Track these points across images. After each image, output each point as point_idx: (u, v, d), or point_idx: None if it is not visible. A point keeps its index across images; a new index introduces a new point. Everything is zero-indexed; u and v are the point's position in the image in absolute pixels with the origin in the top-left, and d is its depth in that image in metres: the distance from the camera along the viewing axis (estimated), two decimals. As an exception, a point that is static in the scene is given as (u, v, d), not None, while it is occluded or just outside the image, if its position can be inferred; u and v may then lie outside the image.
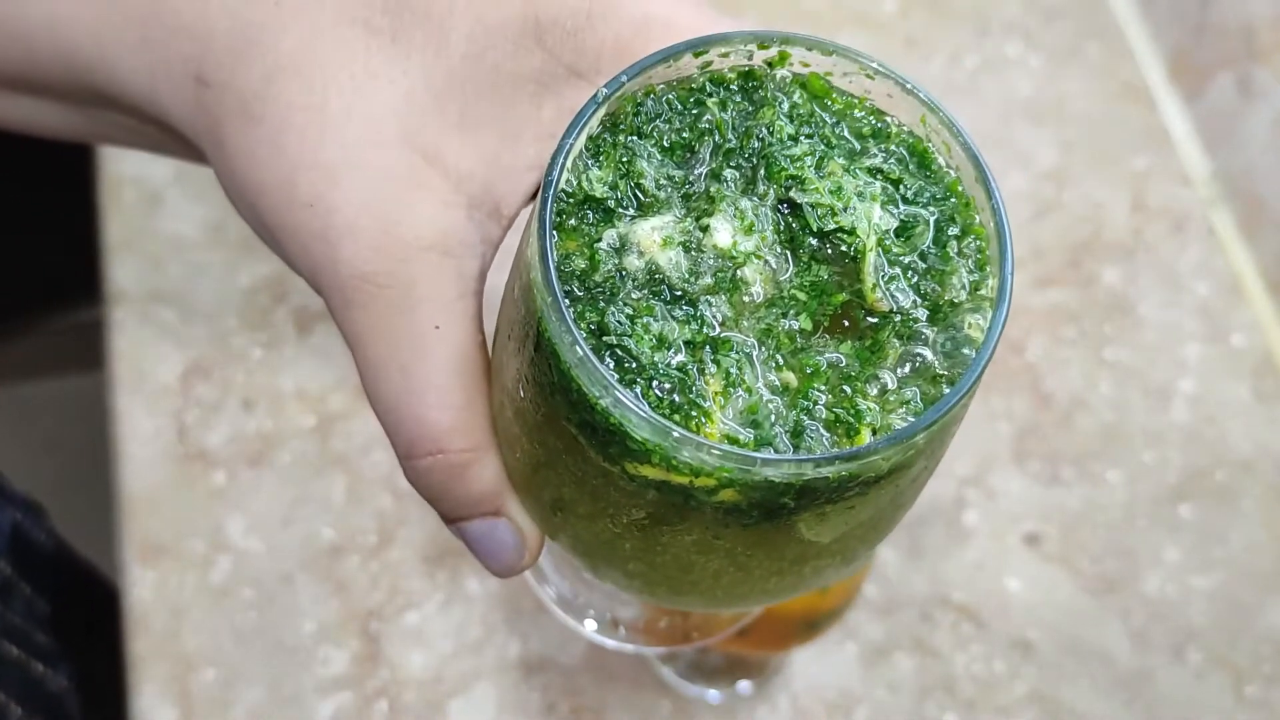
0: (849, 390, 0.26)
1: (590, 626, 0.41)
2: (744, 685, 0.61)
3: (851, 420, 0.26)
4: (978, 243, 0.28)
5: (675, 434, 0.25)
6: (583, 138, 0.27)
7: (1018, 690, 0.61)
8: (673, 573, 0.29)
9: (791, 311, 0.27)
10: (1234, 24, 0.72)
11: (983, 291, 0.28)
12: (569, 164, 0.27)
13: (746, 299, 0.27)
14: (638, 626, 0.42)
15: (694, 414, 0.26)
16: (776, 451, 0.26)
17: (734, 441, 0.26)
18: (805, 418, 0.26)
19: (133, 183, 0.70)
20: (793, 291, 0.27)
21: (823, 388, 0.26)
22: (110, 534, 0.63)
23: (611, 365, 0.26)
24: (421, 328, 0.29)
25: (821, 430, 0.26)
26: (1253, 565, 0.65)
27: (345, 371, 0.66)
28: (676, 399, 0.26)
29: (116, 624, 0.61)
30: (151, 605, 0.60)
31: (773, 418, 0.26)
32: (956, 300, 0.28)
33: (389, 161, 0.29)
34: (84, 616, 0.71)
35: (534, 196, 0.30)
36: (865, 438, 0.26)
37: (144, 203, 0.69)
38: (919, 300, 0.27)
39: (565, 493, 0.29)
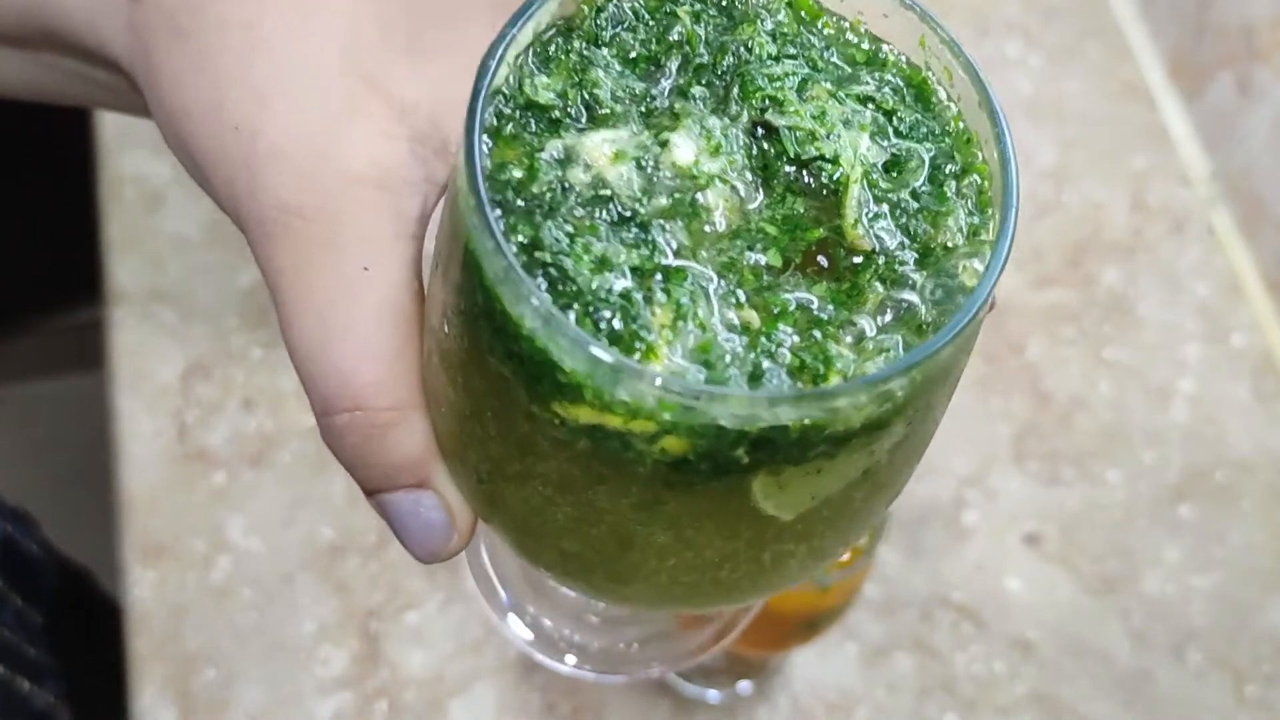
0: (819, 335, 0.23)
1: (570, 661, 0.37)
2: (744, 685, 0.61)
3: (819, 366, 0.22)
4: (979, 182, 0.24)
5: (609, 361, 0.21)
6: (528, 30, 0.24)
7: (1018, 690, 0.61)
8: (612, 551, 0.25)
9: (759, 245, 0.23)
10: (1233, 24, 0.72)
11: (982, 236, 0.24)
12: (510, 59, 0.24)
13: (707, 228, 0.23)
14: (604, 654, 0.38)
15: (636, 346, 0.22)
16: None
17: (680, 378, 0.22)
18: (766, 360, 0.22)
19: (133, 182, 0.70)
20: (761, 224, 0.24)
21: (789, 329, 0.23)
22: (110, 534, 0.63)
23: (544, 287, 0.22)
24: (347, 268, 0.26)
25: (784, 375, 0.22)
26: (1252, 565, 0.65)
27: (345, 371, 0.66)
28: (617, 327, 0.22)
29: (114, 634, 0.61)
30: (152, 605, 0.60)
31: (728, 358, 0.22)
32: (951, 245, 0.24)
33: (325, 85, 0.26)
34: (80, 627, 0.71)
35: None
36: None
37: (144, 202, 0.69)
38: (907, 242, 0.24)
39: (493, 450, 0.25)
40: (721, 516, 0.24)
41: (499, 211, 0.23)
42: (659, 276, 0.22)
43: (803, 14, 0.25)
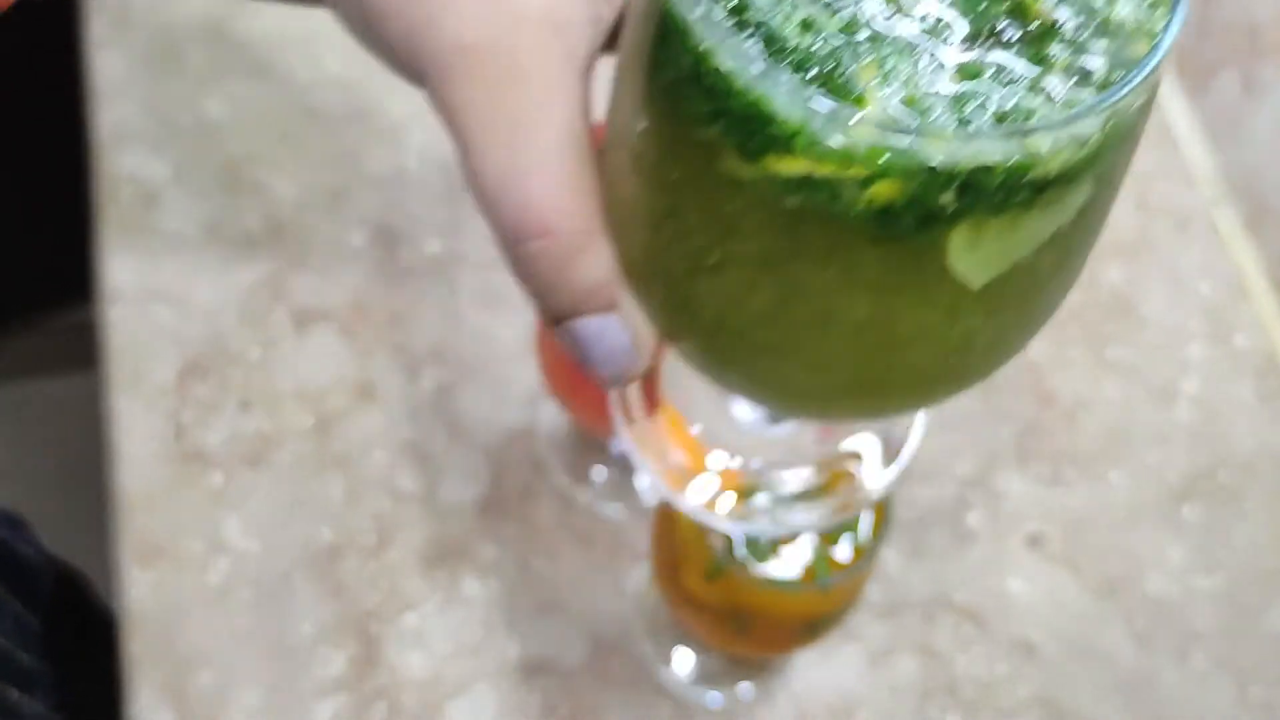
0: (1017, 91, 0.24)
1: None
2: (745, 687, 0.61)
3: (1020, 118, 0.24)
4: None
5: (825, 108, 0.22)
6: None
7: (1020, 692, 0.61)
8: (808, 335, 0.26)
9: (954, 13, 0.25)
10: (1238, 22, 0.72)
11: (1150, 26, 0.26)
12: None
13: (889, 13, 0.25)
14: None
15: (847, 97, 0.23)
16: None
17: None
18: (971, 107, 0.24)
19: (129, 181, 0.70)
20: None
21: (988, 84, 0.24)
22: (106, 535, 0.63)
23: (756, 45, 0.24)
24: (529, 102, 0.27)
25: (989, 123, 0.24)
26: (1257, 566, 0.65)
27: (344, 371, 0.66)
28: (826, 84, 0.23)
29: (109, 641, 0.61)
30: (148, 606, 0.60)
31: (936, 109, 0.23)
32: (1126, 21, 0.25)
33: None
34: (76, 633, 0.71)
35: None
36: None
37: (141, 201, 0.69)
38: (1085, 18, 0.25)
39: (693, 242, 0.26)
40: (918, 282, 0.25)
41: None
42: (862, 37, 0.24)
43: None
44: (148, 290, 0.67)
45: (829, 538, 0.49)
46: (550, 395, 0.62)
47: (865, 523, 0.49)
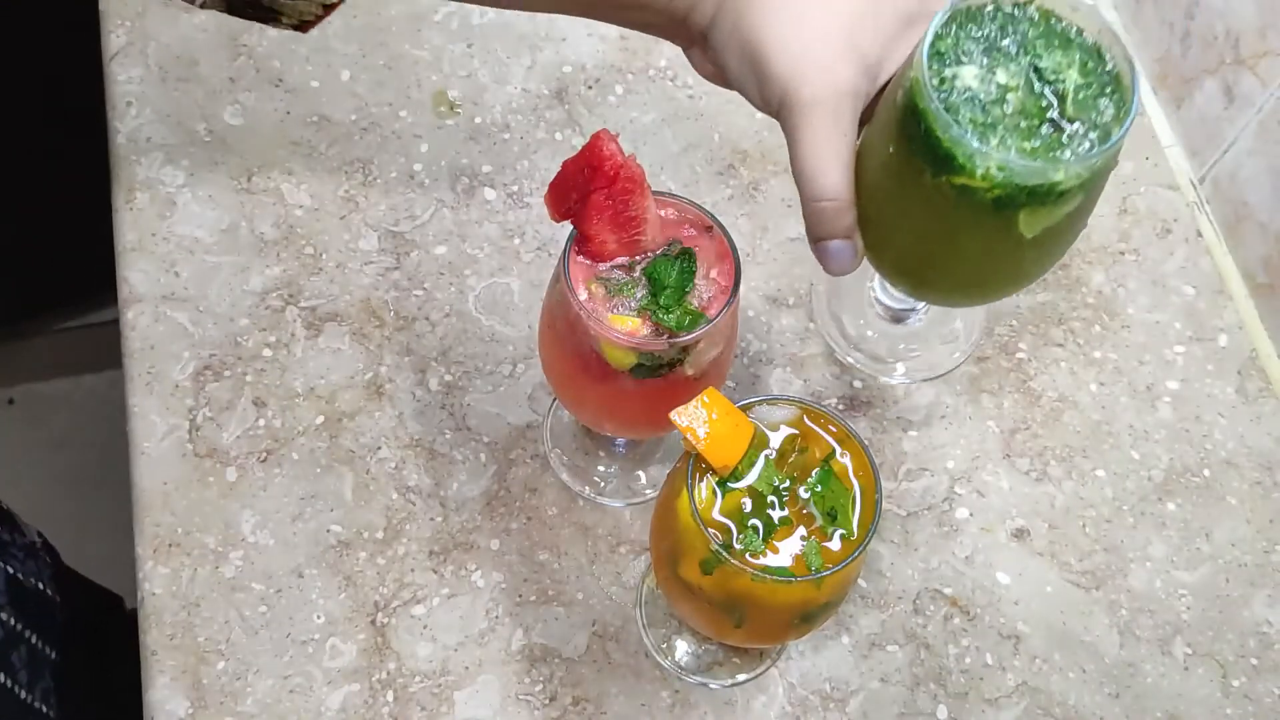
0: (1055, 145, 0.49)
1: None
2: (742, 677, 0.62)
3: (1056, 160, 0.49)
4: (1121, 96, 0.50)
5: (976, 148, 0.48)
6: (940, 18, 0.50)
7: (1008, 682, 0.63)
8: (951, 261, 0.54)
9: (1039, 111, 0.50)
10: (1219, 32, 0.74)
11: (1119, 119, 0.50)
12: (930, 39, 0.49)
13: (1007, 107, 0.50)
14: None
15: (991, 142, 0.49)
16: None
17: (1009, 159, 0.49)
18: (1036, 152, 0.49)
19: (146, 188, 0.71)
20: (1029, 105, 0.50)
21: (1044, 140, 0.49)
22: (125, 530, 0.64)
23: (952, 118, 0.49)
24: (840, 131, 0.51)
25: (1041, 161, 0.49)
26: (1238, 560, 0.66)
27: (354, 370, 0.67)
28: (981, 139, 0.49)
29: (124, 668, 0.62)
30: (164, 599, 0.61)
31: (1020, 153, 0.49)
32: (1106, 116, 0.50)
33: (836, 43, 0.50)
34: (92, 661, 0.72)
35: (904, 66, 0.51)
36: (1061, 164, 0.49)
37: (158, 207, 0.71)
38: (1090, 114, 0.50)
39: (903, 214, 0.52)
40: (1004, 233, 0.50)
41: (934, 88, 0.49)
42: (996, 114, 0.50)
43: (1046, 15, 0.52)
44: (164, 293, 0.68)
45: (821, 532, 0.50)
46: (553, 394, 0.63)
47: (855, 517, 0.51)
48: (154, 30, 0.75)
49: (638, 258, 0.54)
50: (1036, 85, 0.50)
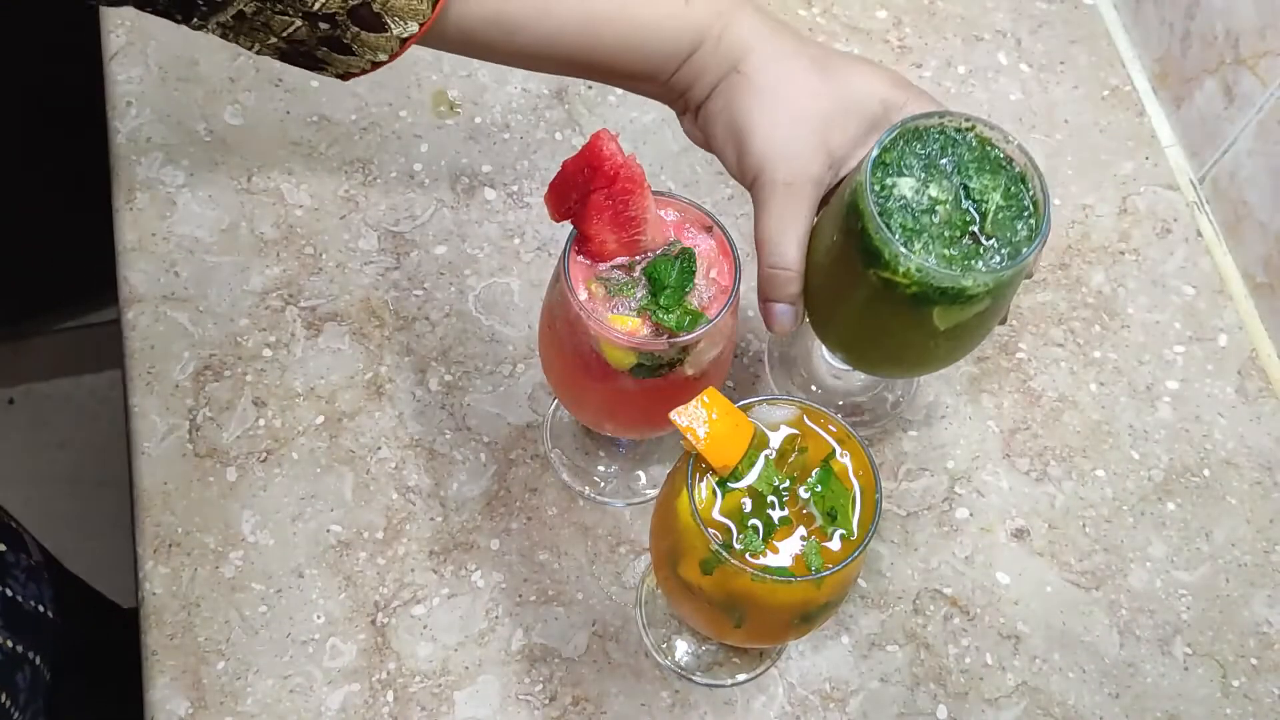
0: (970, 256, 0.55)
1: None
2: (742, 677, 0.62)
3: (969, 269, 0.54)
4: (1035, 220, 0.55)
5: (900, 252, 0.53)
6: (890, 137, 0.56)
7: (1008, 681, 0.63)
8: (876, 339, 0.59)
9: (956, 225, 0.56)
10: (1219, 31, 0.74)
11: (1028, 238, 0.55)
12: (877, 150, 0.55)
13: (935, 217, 0.55)
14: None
15: (913, 249, 0.54)
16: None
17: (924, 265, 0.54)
18: (952, 262, 0.54)
19: (146, 188, 0.71)
20: (953, 217, 0.56)
21: (962, 251, 0.55)
22: (124, 530, 0.64)
23: (883, 222, 0.54)
24: (801, 212, 0.56)
25: (957, 269, 0.54)
26: (1237, 560, 0.66)
27: (354, 370, 0.67)
28: (906, 243, 0.54)
29: (119, 688, 0.62)
30: (164, 599, 0.61)
31: (939, 261, 0.54)
32: (1019, 236, 0.55)
33: (808, 138, 0.56)
34: (92, 688, 0.72)
35: (857, 168, 0.57)
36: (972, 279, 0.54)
37: (158, 207, 0.71)
38: (1004, 233, 0.55)
39: (831, 290, 0.58)
40: (920, 323, 0.55)
41: (874, 193, 0.55)
42: (925, 223, 0.55)
43: (980, 140, 0.57)
44: (164, 293, 0.68)
45: (821, 532, 0.50)
46: (553, 394, 0.64)
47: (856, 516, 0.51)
48: (154, 30, 0.75)
49: (638, 258, 0.54)
50: (964, 202, 0.55)
